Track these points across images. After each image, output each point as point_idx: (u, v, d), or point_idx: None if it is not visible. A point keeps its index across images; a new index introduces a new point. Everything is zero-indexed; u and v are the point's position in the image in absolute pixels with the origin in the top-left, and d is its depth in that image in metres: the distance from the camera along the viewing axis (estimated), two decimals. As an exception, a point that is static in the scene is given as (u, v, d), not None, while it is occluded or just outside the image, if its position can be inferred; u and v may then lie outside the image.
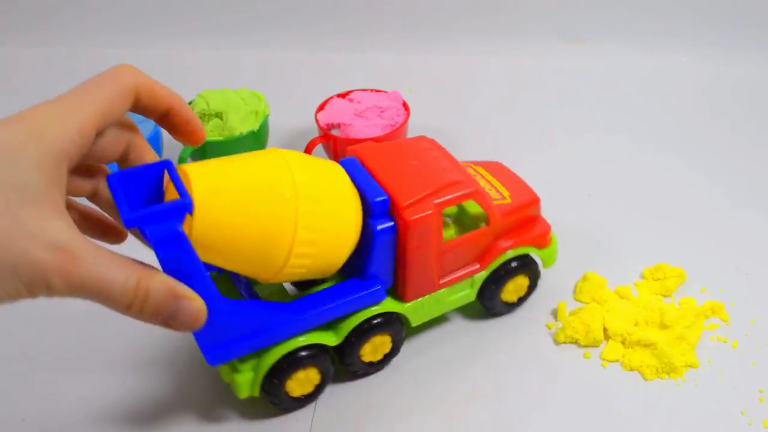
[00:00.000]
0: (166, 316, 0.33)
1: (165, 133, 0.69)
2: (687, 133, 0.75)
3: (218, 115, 0.66)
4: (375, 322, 0.47)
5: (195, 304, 0.33)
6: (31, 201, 0.28)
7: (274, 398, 0.46)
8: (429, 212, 0.44)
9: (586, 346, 0.52)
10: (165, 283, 0.32)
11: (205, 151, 0.66)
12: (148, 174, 0.37)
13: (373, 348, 0.48)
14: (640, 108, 0.79)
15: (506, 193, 0.52)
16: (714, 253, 0.59)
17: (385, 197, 0.44)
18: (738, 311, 0.53)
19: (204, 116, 0.66)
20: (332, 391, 0.49)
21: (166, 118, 0.37)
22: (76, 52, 0.94)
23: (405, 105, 0.69)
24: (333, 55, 0.90)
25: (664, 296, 0.55)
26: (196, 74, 0.88)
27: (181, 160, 0.67)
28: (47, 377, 0.51)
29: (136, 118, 0.65)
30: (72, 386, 0.50)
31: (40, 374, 0.51)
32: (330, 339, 0.46)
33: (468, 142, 0.74)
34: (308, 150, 0.65)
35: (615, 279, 0.56)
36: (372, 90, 0.71)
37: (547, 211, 0.52)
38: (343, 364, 0.48)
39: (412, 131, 0.70)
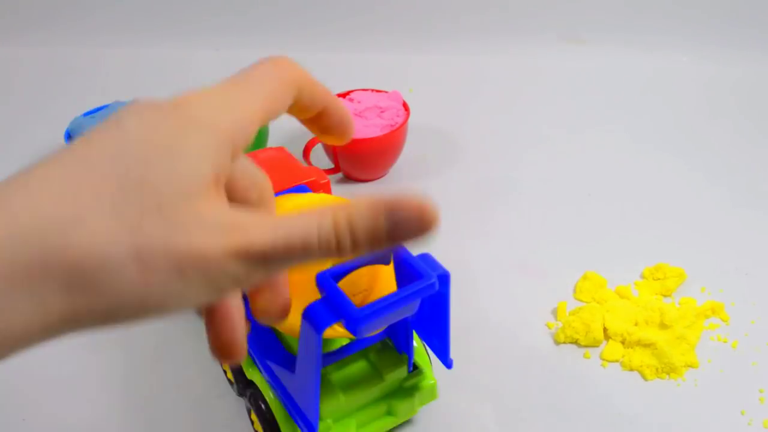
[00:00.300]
0: (388, 235, 0.26)
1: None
2: (687, 133, 0.75)
3: (218, 115, 0.66)
4: None
5: (415, 203, 0.25)
6: (188, 198, 0.24)
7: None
8: None
9: (586, 346, 0.52)
10: (362, 203, 0.26)
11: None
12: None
13: None
14: (640, 108, 0.79)
15: None
16: (714, 253, 0.59)
17: None
18: (738, 311, 0.53)
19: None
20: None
21: (319, 119, 0.32)
22: (76, 52, 0.94)
23: (405, 105, 0.69)
24: (333, 55, 0.90)
25: (664, 296, 0.55)
26: (196, 74, 0.88)
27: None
28: (47, 377, 0.51)
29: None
30: (72, 386, 0.50)
31: (40, 374, 0.51)
32: None
33: (468, 142, 0.74)
34: (307, 149, 0.65)
35: (615, 279, 0.56)
36: (372, 90, 0.71)
37: (547, 211, 0.52)
38: None
39: (412, 131, 0.70)
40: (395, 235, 0.25)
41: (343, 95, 0.70)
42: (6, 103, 0.86)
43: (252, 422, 0.45)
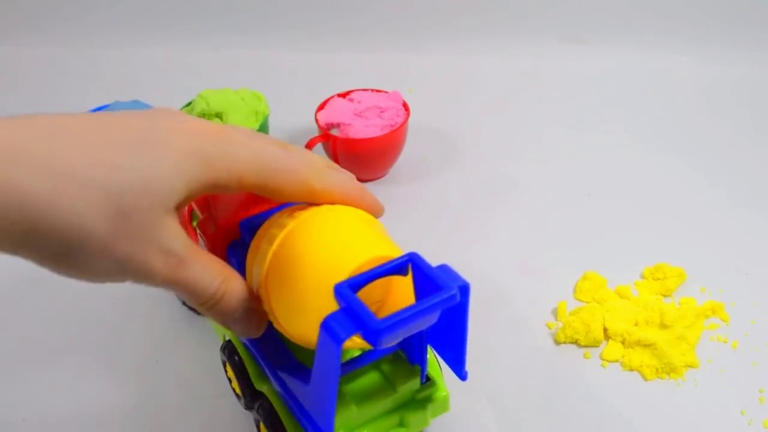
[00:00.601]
0: (230, 320, 0.35)
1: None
2: (687, 133, 0.75)
3: (218, 115, 0.66)
4: None
5: (258, 317, 0.35)
6: (167, 207, 0.30)
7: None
8: None
9: (586, 346, 0.52)
10: (239, 289, 0.34)
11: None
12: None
13: None
14: (640, 108, 0.79)
15: None
16: (714, 253, 0.59)
17: None
18: (738, 311, 0.53)
19: (204, 116, 0.66)
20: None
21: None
22: (76, 52, 0.94)
23: (405, 105, 0.69)
24: (333, 55, 0.90)
25: (664, 296, 0.55)
26: (196, 74, 0.88)
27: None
28: (47, 377, 0.51)
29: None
30: (72, 386, 0.50)
31: (40, 374, 0.51)
32: None
33: (468, 142, 0.74)
34: (307, 149, 0.65)
35: (615, 279, 0.56)
36: (372, 90, 0.71)
37: (547, 211, 0.52)
38: None
39: (412, 131, 0.70)
40: (238, 320, 0.35)
41: (343, 95, 0.71)
42: (6, 103, 0.86)
43: None
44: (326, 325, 0.31)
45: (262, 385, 0.42)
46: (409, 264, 0.33)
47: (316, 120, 0.68)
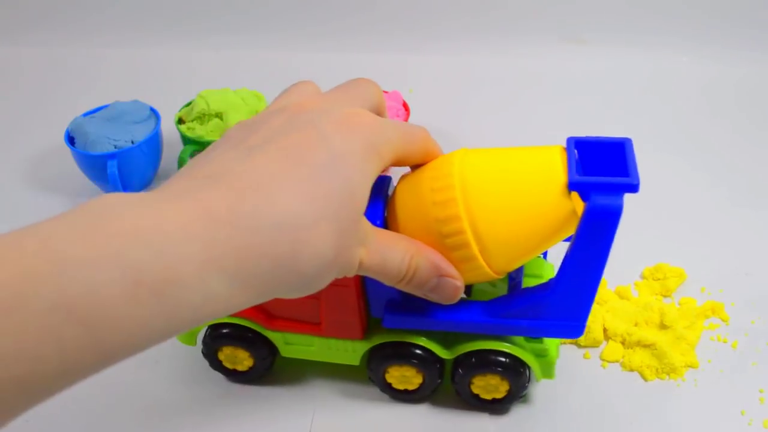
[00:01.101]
0: (427, 290, 0.37)
1: (165, 133, 0.69)
2: (687, 133, 0.75)
3: (218, 115, 0.66)
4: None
5: (454, 282, 0.37)
6: (361, 209, 0.32)
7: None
8: None
9: (585, 347, 0.52)
10: (431, 261, 0.36)
11: (205, 151, 0.66)
12: (603, 147, 0.38)
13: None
14: (640, 108, 0.79)
15: None
16: (714, 253, 0.59)
17: None
18: (738, 311, 0.53)
19: (204, 116, 0.66)
20: (332, 390, 0.49)
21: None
22: (76, 52, 0.94)
23: (405, 105, 0.69)
24: (333, 55, 0.90)
25: (664, 296, 0.55)
26: (196, 74, 0.88)
27: (181, 161, 0.67)
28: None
29: (135, 116, 0.66)
30: (72, 386, 0.50)
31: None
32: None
33: (468, 142, 0.74)
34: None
35: (615, 279, 0.56)
36: (372, 90, 0.71)
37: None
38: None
39: (412, 131, 0.70)
40: (433, 290, 0.37)
41: (343, 95, 0.70)
42: (6, 103, 0.86)
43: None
44: (595, 205, 0.35)
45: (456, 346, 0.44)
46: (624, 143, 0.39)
47: (316, 120, 0.68)
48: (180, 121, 0.69)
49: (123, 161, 0.63)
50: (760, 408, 0.47)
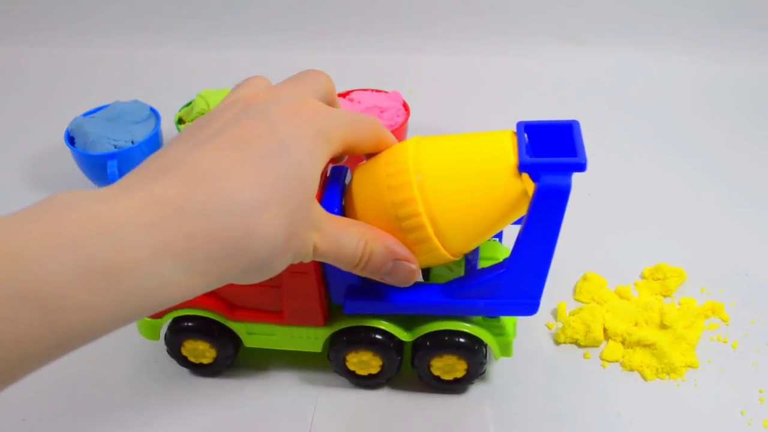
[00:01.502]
0: (383, 273, 0.37)
1: (165, 133, 0.69)
2: (687, 133, 0.75)
3: (218, 115, 0.66)
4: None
5: (409, 265, 0.38)
6: (312, 193, 0.33)
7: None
8: None
9: (586, 347, 0.52)
10: (385, 246, 0.37)
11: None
12: (552, 129, 0.39)
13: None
14: (639, 108, 0.79)
15: None
16: (714, 253, 0.59)
17: None
18: (738, 311, 0.53)
19: (204, 116, 0.66)
20: (332, 390, 0.49)
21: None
22: (76, 52, 0.94)
23: (405, 105, 0.69)
24: (333, 55, 0.90)
25: (664, 296, 0.55)
26: (196, 74, 0.88)
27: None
28: (47, 377, 0.51)
29: (135, 116, 0.66)
30: (72, 386, 0.50)
31: (40, 374, 0.51)
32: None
33: (468, 142, 0.74)
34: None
35: (615, 279, 0.56)
36: (372, 90, 0.71)
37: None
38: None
39: (412, 131, 0.70)
40: (389, 273, 0.37)
41: (343, 95, 0.70)
42: (6, 103, 0.86)
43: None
44: (544, 185, 0.36)
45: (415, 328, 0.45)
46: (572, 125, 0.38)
47: (316, 120, 0.68)
48: (180, 121, 0.69)
49: (123, 161, 0.63)
50: (760, 408, 0.47)
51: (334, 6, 0.92)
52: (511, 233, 0.41)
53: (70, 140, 0.66)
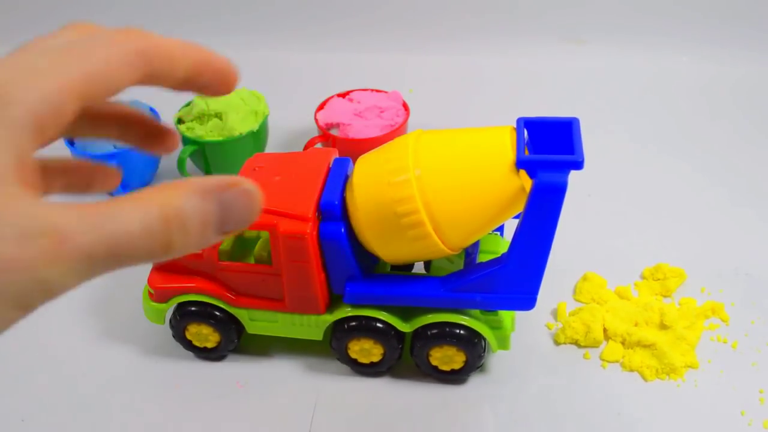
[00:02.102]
0: (217, 231, 0.23)
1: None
2: (687, 133, 0.75)
3: (218, 116, 0.66)
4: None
5: (242, 187, 0.23)
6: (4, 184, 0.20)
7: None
8: None
9: (586, 347, 0.51)
10: (192, 193, 0.22)
11: (204, 152, 0.66)
12: (552, 126, 0.39)
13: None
14: (639, 108, 0.79)
15: None
16: (714, 253, 0.59)
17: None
18: (738, 311, 0.53)
19: (203, 116, 0.66)
20: (332, 390, 0.49)
21: (191, 82, 0.27)
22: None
23: (405, 105, 0.69)
24: (333, 55, 0.90)
25: (664, 296, 0.55)
26: (195, 74, 0.88)
27: (181, 161, 0.66)
28: (46, 378, 0.51)
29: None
30: (71, 387, 0.50)
31: (39, 374, 0.51)
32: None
33: (468, 142, 0.74)
34: (307, 149, 0.65)
35: (615, 279, 0.56)
36: (372, 90, 0.71)
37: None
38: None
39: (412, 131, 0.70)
40: (225, 220, 0.23)
41: (343, 95, 0.70)
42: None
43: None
44: (541, 181, 0.36)
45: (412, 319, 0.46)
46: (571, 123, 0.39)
47: (316, 120, 0.68)
48: (179, 121, 0.69)
49: (123, 161, 0.63)
50: (760, 408, 0.47)
51: (334, 6, 0.92)
52: (513, 227, 0.41)
53: (70, 141, 0.66)
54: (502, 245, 0.49)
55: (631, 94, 0.82)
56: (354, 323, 0.46)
